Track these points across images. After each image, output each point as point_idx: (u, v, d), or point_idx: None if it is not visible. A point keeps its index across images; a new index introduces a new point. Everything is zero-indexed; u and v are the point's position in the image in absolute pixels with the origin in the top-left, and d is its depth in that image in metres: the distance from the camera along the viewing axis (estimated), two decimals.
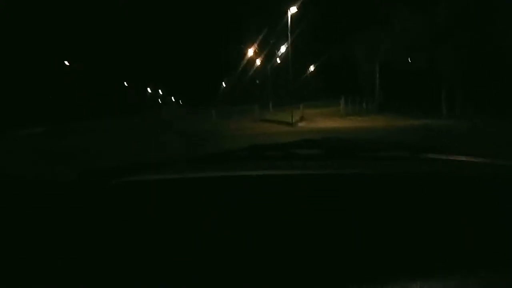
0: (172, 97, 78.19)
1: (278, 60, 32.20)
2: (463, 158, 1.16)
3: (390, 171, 1.06)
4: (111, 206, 0.86)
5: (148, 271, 0.59)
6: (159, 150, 7.83)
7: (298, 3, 18.45)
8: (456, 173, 1.00)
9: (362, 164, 1.15)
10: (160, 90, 66.67)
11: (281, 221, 0.74)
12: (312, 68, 33.62)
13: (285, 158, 1.23)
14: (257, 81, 36.29)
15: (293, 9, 18.45)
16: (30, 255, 0.65)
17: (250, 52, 31.93)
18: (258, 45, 30.84)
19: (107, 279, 0.59)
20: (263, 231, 0.70)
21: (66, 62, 32.51)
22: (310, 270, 0.58)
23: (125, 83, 46.95)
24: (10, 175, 1.09)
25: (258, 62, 34.15)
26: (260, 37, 29.85)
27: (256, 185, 0.93)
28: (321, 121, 17.11)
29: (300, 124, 15.72)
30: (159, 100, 67.36)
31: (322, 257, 0.61)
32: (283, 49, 28.37)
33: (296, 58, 23.42)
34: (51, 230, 0.75)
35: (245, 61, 33.42)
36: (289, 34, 19.04)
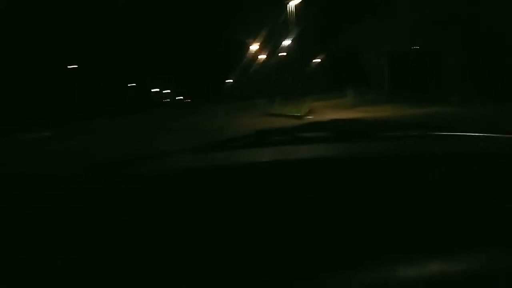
0: (178, 96, 78.93)
1: (284, 53, 32.11)
2: (477, 134, 1.12)
3: (401, 150, 1.01)
4: (119, 198, 0.83)
5: (157, 264, 0.56)
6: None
7: None
8: (471, 149, 0.96)
9: (372, 144, 1.09)
10: (166, 90, 67.31)
11: (291, 208, 0.69)
12: (318, 60, 33.49)
13: (292, 142, 1.17)
14: (263, 76, 36.29)
15: (295, 0, 18.35)
16: (40, 248, 0.64)
17: (255, 46, 31.89)
18: (263, 39, 30.82)
19: (114, 273, 0.57)
20: (272, 219, 0.66)
21: (75, 66, 32.94)
22: (320, 254, 0.55)
23: (130, 83, 47.44)
24: (24, 172, 1.08)
25: (263, 55, 34.12)
26: (265, 30, 29.80)
27: (264, 172, 0.87)
28: (330, 113, 17.04)
29: (309, 117, 15.65)
30: (166, 99, 68.11)
31: (334, 241, 0.59)
32: (288, 42, 28.25)
33: (301, 51, 23.36)
34: (60, 221, 0.73)
35: (250, 55, 33.43)
36: (292, 26, 18.96)
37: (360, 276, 0.49)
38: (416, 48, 20.45)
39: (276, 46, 31.40)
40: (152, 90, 56.80)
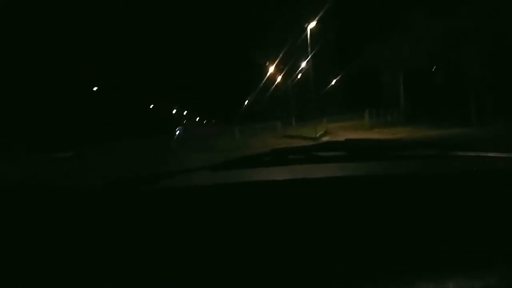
0: (197, 117, 79.74)
1: (299, 76, 32.32)
2: (492, 154, 1.11)
3: (417, 170, 1.01)
4: (139, 214, 0.85)
5: (173, 276, 0.58)
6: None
7: (317, 17, 18.58)
8: (486, 169, 0.95)
9: (388, 164, 1.09)
10: (185, 111, 68.22)
11: (306, 225, 0.70)
12: (334, 81, 33.52)
13: (308, 161, 1.18)
14: (279, 97, 36.47)
15: (312, 24, 18.58)
16: (62, 258, 0.66)
17: (271, 68, 32.21)
18: (279, 61, 31.10)
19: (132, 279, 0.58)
20: (288, 237, 0.67)
21: (95, 88, 33.83)
22: (331, 269, 0.56)
23: (151, 104, 48.29)
24: (54, 186, 1.13)
25: (279, 78, 34.40)
26: (281, 53, 30.10)
27: (280, 190, 0.89)
28: (346, 134, 16.88)
29: (324, 139, 15.55)
30: (184, 120, 68.89)
31: (346, 257, 0.59)
32: (304, 64, 28.46)
33: (317, 72, 23.47)
34: (83, 234, 0.75)
35: (266, 78, 33.73)
36: (309, 48, 19.14)
37: None
38: (434, 68, 20.26)
39: (294, 68, 31.69)
40: (173, 111, 57.70)
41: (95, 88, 33.81)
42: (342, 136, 15.93)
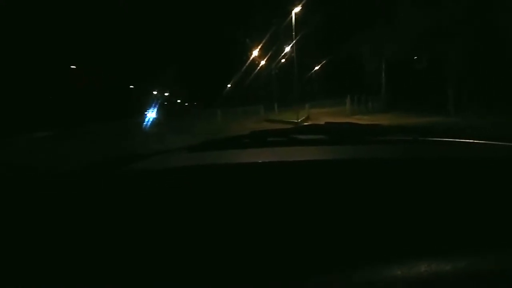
0: (177, 100, 78.87)
1: (283, 60, 32.22)
2: (471, 140, 1.13)
3: (396, 155, 1.02)
4: (117, 195, 0.83)
5: (154, 264, 0.56)
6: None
7: (302, 2, 18.45)
8: (466, 155, 0.97)
9: (368, 148, 1.10)
10: (165, 92, 67.29)
11: (285, 210, 0.69)
12: (317, 67, 33.58)
13: (287, 143, 1.17)
14: (263, 82, 36.35)
15: (297, 9, 18.46)
16: (40, 246, 0.64)
17: (255, 52, 31.96)
18: (263, 45, 30.87)
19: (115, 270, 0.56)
20: (267, 220, 0.66)
21: (74, 66, 32.88)
22: (320, 255, 0.55)
23: (130, 85, 47.40)
24: (28, 168, 1.09)
25: (262, 62, 34.20)
26: (265, 37, 29.86)
27: (258, 173, 0.88)
28: (327, 120, 16.99)
29: (305, 124, 15.65)
30: (164, 102, 68.10)
31: (330, 243, 0.58)
32: (287, 49, 28.35)
33: (301, 57, 23.43)
34: (61, 217, 0.74)
35: (249, 61, 33.48)
36: (293, 33, 19.05)
37: (355, 277, 0.49)
38: (416, 57, 20.52)
39: (277, 53, 31.53)
40: (153, 92, 56.85)
41: (72, 67, 32.88)
42: (322, 121, 15.98)
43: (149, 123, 22.17)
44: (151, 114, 27.14)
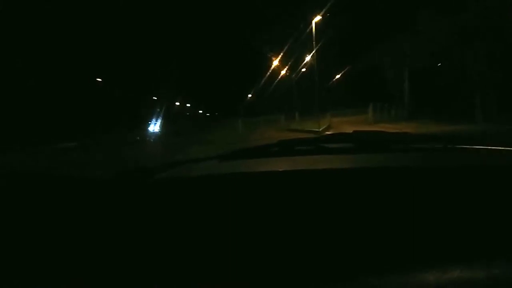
0: (200, 110, 79.63)
1: (304, 69, 32.16)
2: (498, 147, 1.12)
3: (425, 163, 1.01)
4: (148, 203, 0.86)
5: (178, 267, 0.58)
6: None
7: (323, 12, 18.45)
8: (490, 163, 0.95)
9: (396, 156, 1.09)
10: (187, 104, 68.10)
11: (312, 216, 0.70)
12: (338, 76, 33.36)
13: (315, 152, 1.18)
14: (283, 91, 36.31)
15: (317, 18, 18.45)
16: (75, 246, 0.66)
17: (276, 61, 32.06)
18: (284, 54, 30.94)
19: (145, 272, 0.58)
20: (293, 226, 0.67)
21: (100, 79, 33.78)
22: (337, 262, 0.56)
23: (154, 96, 48.19)
24: (56, 175, 1.14)
25: (283, 71, 34.24)
26: (286, 46, 29.94)
27: (286, 180, 0.90)
28: (349, 128, 16.76)
29: (328, 133, 15.51)
30: (187, 112, 68.84)
31: (353, 248, 0.59)
32: (308, 58, 28.30)
33: (322, 66, 23.33)
34: (93, 223, 0.76)
35: (270, 71, 33.58)
36: (314, 42, 19.04)
37: (378, 282, 0.50)
38: (439, 65, 20.09)
39: (298, 62, 31.52)
40: (176, 103, 57.58)
41: (98, 79, 33.79)
42: (345, 131, 15.73)
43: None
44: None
